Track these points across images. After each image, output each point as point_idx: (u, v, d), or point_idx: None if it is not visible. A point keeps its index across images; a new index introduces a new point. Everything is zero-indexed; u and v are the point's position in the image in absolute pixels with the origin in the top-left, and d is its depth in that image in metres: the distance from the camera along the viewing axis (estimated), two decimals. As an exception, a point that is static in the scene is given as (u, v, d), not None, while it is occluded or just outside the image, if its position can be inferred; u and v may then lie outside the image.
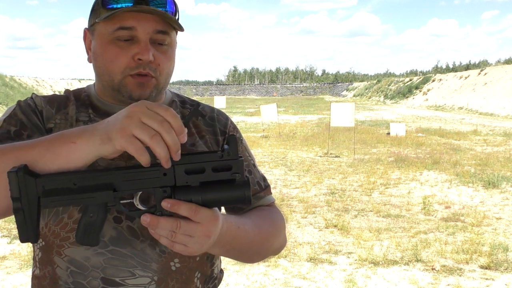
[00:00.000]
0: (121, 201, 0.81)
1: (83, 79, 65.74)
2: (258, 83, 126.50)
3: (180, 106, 1.13)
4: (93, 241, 0.83)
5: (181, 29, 1.01)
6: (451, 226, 5.72)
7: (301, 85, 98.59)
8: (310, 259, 4.68)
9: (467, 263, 4.54)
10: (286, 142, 14.20)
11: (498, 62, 45.49)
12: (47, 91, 44.85)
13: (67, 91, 1.10)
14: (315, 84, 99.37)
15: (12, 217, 0.80)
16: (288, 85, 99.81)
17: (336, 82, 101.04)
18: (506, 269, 4.37)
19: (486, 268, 4.39)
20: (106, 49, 0.97)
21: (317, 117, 25.23)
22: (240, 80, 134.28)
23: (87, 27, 1.04)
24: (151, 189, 0.80)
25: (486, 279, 4.18)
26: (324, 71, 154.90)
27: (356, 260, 4.66)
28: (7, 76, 39.78)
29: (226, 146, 0.79)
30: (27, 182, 0.75)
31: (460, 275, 4.26)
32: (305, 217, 6.16)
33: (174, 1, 1.00)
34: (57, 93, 1.14)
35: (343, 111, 11.59)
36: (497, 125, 20.34)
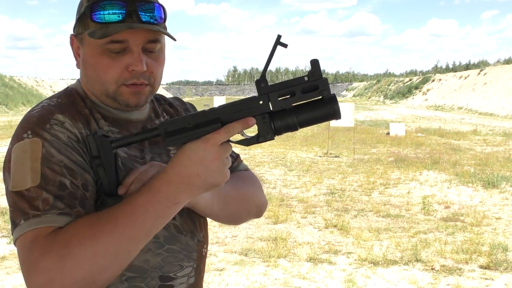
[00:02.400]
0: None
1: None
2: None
3: (158, 103, 1.16)
4: None
5: (173, 39, 1.01)
6: (451, 226, 5.72)
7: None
8: (310, 259, 4.68)
9: (467, 263, 4.54)
10: (286, 142, 14.19)
11: (498, 62, 45.50)
12: (46, 91, 44.84)
13: (68, 98, 1.00)
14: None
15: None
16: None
17: (336, 82, 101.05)
18: (505, 269, 4.37)
19: (486, 268, 4.39)
20: (97, 59, 0.95)
21: (316, 117, 25.23)
22: (240, 80, 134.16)
23: (73, 33, 1.01)
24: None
25: (486, 279, 4.18)
26: (323, 71, 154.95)
27: (355, 260, 4.66)
28: (6, 76, 39.77)
29: (310, 71, 0.87)
30: (103, 142, 0.88)
31: (460, 275, 4.27)
32: (305, 217, 6.16)
33: (161, 5, 0.99)
34: (52, 94, 1.09)
35: (342, 111, 11.55)
36: (497, 125, 20.36)
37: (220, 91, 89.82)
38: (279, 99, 0.87)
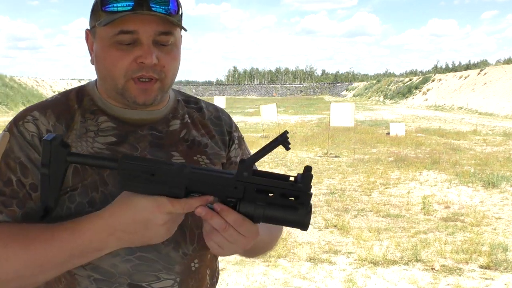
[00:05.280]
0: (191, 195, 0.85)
1: (83, 79, 65.79)
2: (258, 83, 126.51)
3: (185, 105, 1.11)
4: None
5: (184, 29, 0.98)
6: (451, 226, 5.72)
7: (301, 85, 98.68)
8: (310, 259, 4.68)
9: (467, 263, 4.54)
10: (286, 142, 14.18)
11: (498, 62, 45.52)
12: (47, 91, 44.84)
13: (65, 94, 1.03)
14: (314, 84, 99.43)
15: None
16: (288, 85, 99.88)
17: (336, 82, 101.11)
18: (505, 269, 4.37)
19: (486, 268, 4.39)
20: (108, 52, 0.93)
21: (316, 117, 25.23)
22: (240, 80, 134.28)
23: (88, 28, 1.01)
24: (219, 196, 0.83)
25: (486, 279, 4.19)
26: (324, 71, 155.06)
27: (355, 260, 4.66)
28: (6, 76, 39.77)
29: (300, 175, 0.81)
30: (58, 152, 0.81)
31: (460, 275, 4.27)
32: (305, 217, 6.16)
33: None
34: (56, 93, 1.08)
35: (342, 111, 11.60)
36: (497, 125, 20.35)
37: (220, 91, 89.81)
38: (257, 192, 0.82)
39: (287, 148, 0.79)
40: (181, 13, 0.99)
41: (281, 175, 0.82)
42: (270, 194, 0.82)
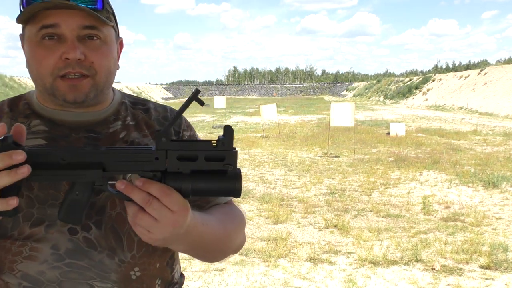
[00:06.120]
0: (109, 182, 0.80)
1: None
2: (258, 83, 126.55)
3: (131, 107, 1.08)
4: (76, 220, 0.81)
5: (108, 24, 0.94)
6: (451, 226, 5.72)
7: (301, 85, 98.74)
8: (310, 259, 4.68)
9: (467, 263, 4.54)
10: (286, 142, 14.19)
11: (498, 62, 45.52)
12: (47, 91, 44.81)
13: (3, 101, 1.02)
14: (315, 84, 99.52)
15: None
16: (288, 85, 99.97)
17: (336, 82, 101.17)
18: (506, 269, 4.37)
19: (486, 268, 4.39)
20: (34, 52, 0.91)
21: (317, 117, 25.23)
22: (240, 80, 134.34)
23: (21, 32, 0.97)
24: (141, 172, 0.78)
25: (486, 279, 4.18)
26: (324, 71, 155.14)
27: (356, 260, 4.66)
28: (6, 76, 39.79)
29: (221, 136, 0.77)
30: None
31: (460, 275, 4.26)
32: (305, 217, 6.16)
33: None
34: None
35: (343, 111, 11.60)
36: (497, 125, 20.35)
37: (220, 91, 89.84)
38: (179, 160, 0.77)
39: (202, 104, 0.76)
40: (113, 12, 0.96)
41: (203, 140, 0.79)
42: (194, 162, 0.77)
